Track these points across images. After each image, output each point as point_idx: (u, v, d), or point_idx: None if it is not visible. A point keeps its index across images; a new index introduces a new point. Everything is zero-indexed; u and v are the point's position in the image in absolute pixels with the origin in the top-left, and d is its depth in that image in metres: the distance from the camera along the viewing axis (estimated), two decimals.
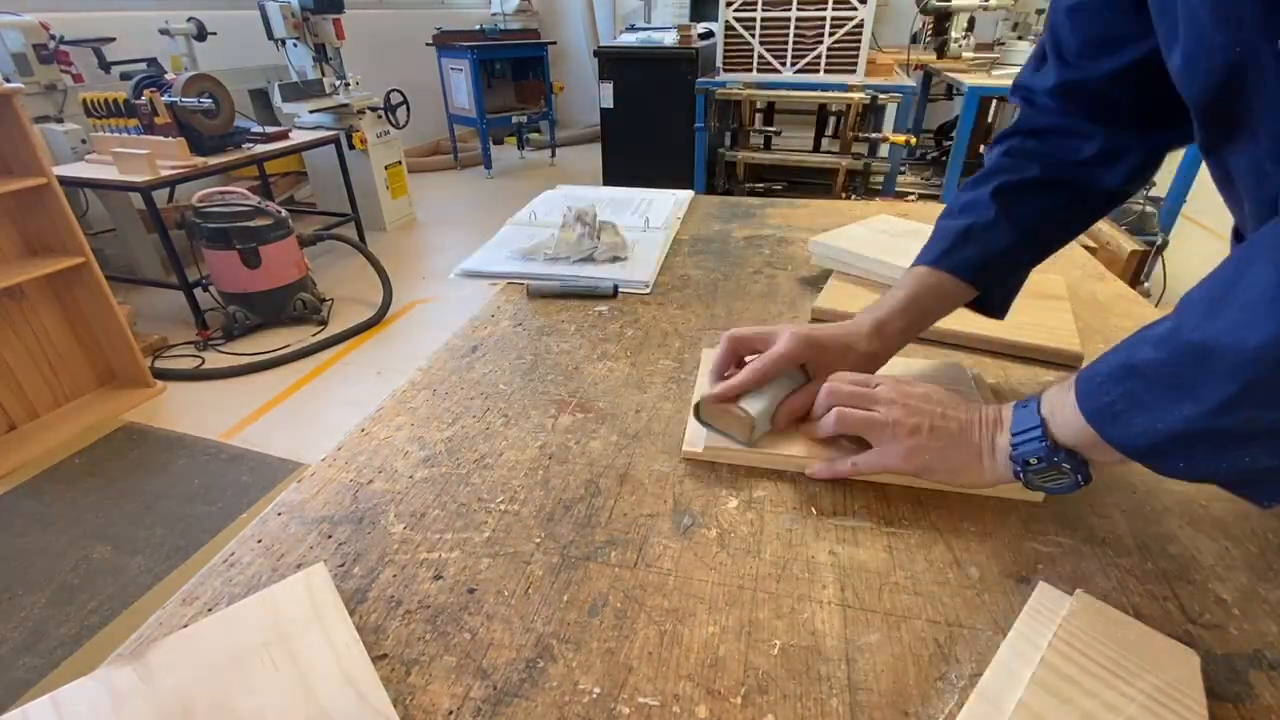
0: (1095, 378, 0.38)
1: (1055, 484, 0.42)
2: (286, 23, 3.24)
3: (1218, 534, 0.45)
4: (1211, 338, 0.32)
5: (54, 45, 2.57)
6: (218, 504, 1.75)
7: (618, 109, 3.61)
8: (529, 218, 1.08)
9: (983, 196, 0.56)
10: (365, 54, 4.44)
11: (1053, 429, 0.41)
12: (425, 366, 0.67)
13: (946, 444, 0.46)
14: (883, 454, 0.47)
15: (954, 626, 0.38)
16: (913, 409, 0.47)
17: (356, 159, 3.54)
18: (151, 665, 0.35)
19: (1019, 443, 0.42)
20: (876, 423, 0.47)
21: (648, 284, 0.84)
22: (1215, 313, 0.32)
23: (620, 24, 5.68)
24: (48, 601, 1.46)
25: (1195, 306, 0.34)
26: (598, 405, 0.60)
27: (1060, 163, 0.54)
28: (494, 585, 0.41)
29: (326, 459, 0.54)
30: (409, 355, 2.53)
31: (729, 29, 2.99)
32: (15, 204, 1.95)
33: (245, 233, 2.44)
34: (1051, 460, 0.41)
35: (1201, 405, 0.32)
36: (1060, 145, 0.54)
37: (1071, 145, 0.54)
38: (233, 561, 0.44)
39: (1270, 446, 0.33)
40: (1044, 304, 0.75)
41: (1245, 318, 0.31)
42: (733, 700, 0.34)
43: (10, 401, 2.01)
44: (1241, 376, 0.31)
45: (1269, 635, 0.38)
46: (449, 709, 0.34)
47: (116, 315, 2.13)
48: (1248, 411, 0.32)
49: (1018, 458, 0.42)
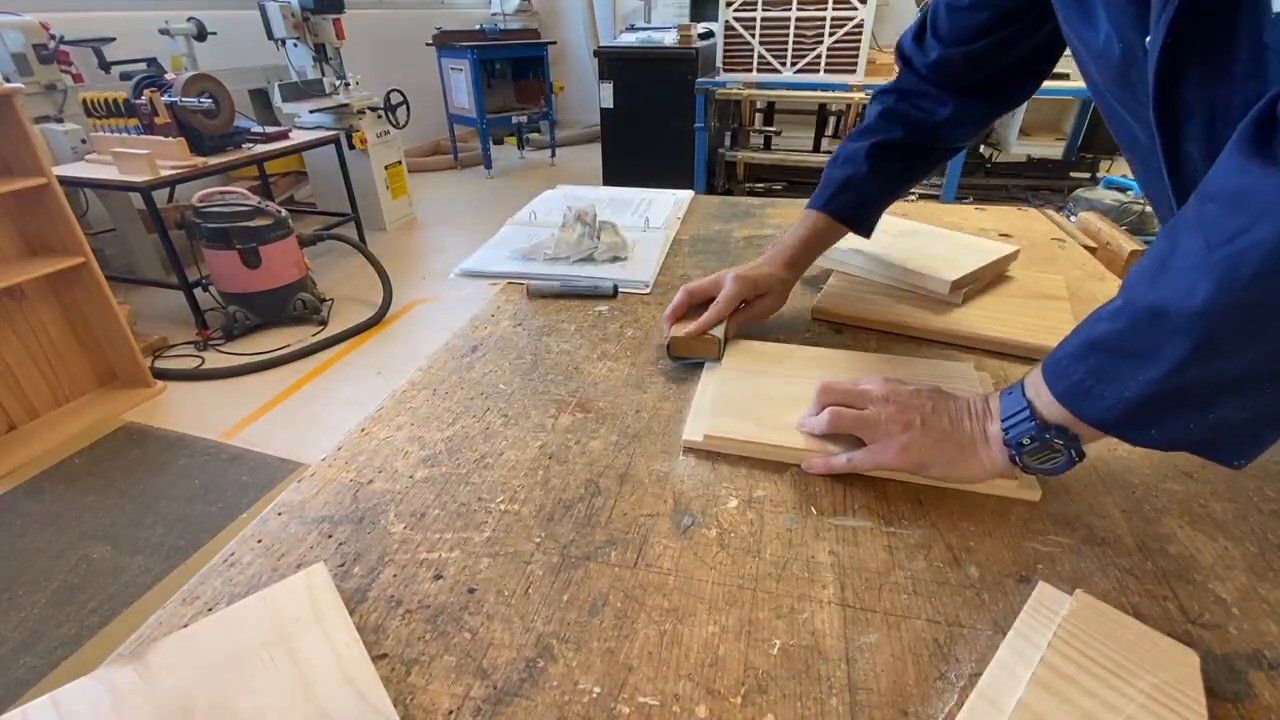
0: (1061, 360, 0.41)
1: (1051, 463, 0.43)
2: (286, 23, 3.24)
3: (1217, 534, 0.45)
4: (1160, 300, 0.35)
5: (54, 45, 2.57)
6: (218, 504, 1.75)
7: (618, 109, 3.62)
8: (529, 218, 1.08)
9: (859, 152, 0.71)
10: (365, 54, 4.44)
11: (1039, 409, 0.42)
12: (425, 366, 0.67)
13: (940, 438, 0.47)
14: (877, 451, 0.48)
15: (954, 626, 0.38)
16: (904, 405, 0.49)
17: (356, 159, 3.54)
18: (151, 665, 0.35)
19: (1010, 426, 0.43)
20: (869, 420, 0.49)
21: (648, 284, 0.84)
22: (1159, 280, 0.36)
23: (620, 24, 5.68)
24: (48, 601, 1.46)
25: (1141, 277, 0.37)
26: (598, 405, 0.60)
27: (919, 124, 0.70)
28: (494, 585, 0.41)
29: (326, 459, 0.54)
30: (409, 355, 2.53)
31: (729, 29, 3.00)
32: (15, 204, 1.95)
33: (245, 233, 2.44)
34: (1044, 438, 0.42)
35: (1163, 365, 0.35)
36: (922, 107, 0.70)
37: (931, 108, 0.70)
38: (233, 561, 0.44)
39: (1234, 399, 0.35)
40: (1044, 304, 0.75)
41: (1186, 281, 0.33)
42: (733, 700, 0.34)
43: (10, 401, 2.01)
44: (1195, 329, 0.33)
45: (1269, 635, 0.38)
46: (449, 709, 0.34)
47: (116, 315, 2.13)
48: (1208, 364, 0.34)
49: (1011, 440, 0.43)
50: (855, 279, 0.82)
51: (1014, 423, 0.43)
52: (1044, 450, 0.42)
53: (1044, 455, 0.42)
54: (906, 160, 0.73)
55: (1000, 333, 0.69)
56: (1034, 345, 0.67)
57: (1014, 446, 0.43)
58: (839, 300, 0.76)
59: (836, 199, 0.72)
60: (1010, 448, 0.44)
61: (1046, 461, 0.43)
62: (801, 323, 0.75)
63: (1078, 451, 0.42)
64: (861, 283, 0.81)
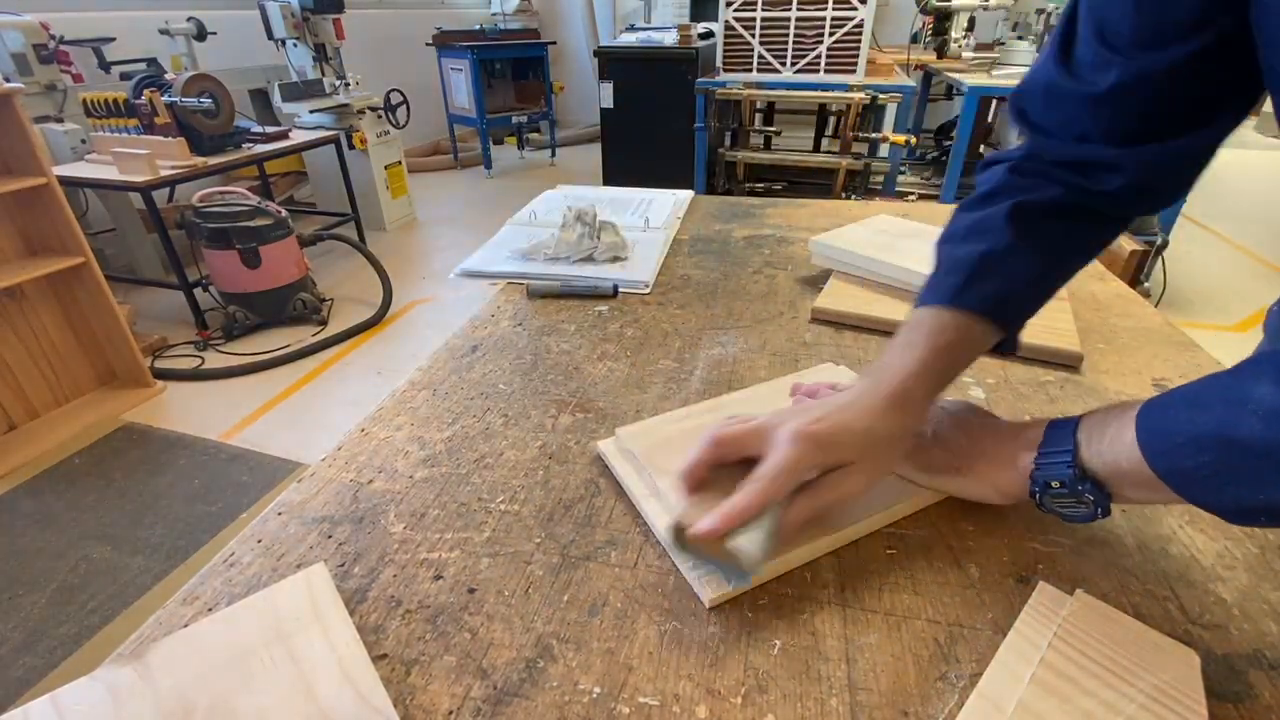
0: (1174, 436, 0.33)
1: (1072, 511, 0.39)
2: (286, 23, 3.24)
3: (1218, 534, 0.45)
4: None
5: (54, 45, 2.57)
6: (218, 504, 1.75)
7: (618, 109, 3.62)
8: (529, 218, 1.08)
9: (995, 217, 0.45)
10: (365, 54, 4.44)
11: (1083, 453, 0.37)
12: (425, 366, 0.67)
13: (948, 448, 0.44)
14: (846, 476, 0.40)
15: (954, 626, 0.38)
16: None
17: (356, 159, 3.54)
18: (151, 665, 0.35)
19: (1044, 462, 0.39)
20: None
21: (648, 284, 0.84)
22: None
23: (620, 24, 5.68)
24: (48, 601, 1.46)
25: None
26: (598, 405, 0.60)
27: (1085, 189, 0.44)
28: (494, 585, 0.41)
29: (326, 459, 0.54)
30: (409, 355, 2.53)
31: (729, 29, 2.99)
32: (15, 204, 1.95)
33: (245, 233, 2.44)
34: (1075, 488, 0.38)
35: None
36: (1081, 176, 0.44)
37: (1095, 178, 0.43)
38: (233, 561, 0.44)
39: None
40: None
41: None
42: (733, 700, 0.34)
43: (10, 401, 2.01)
44: None
45: (1269, 635, 0.38)
46: (449, 709, 0.34)
47: (116, 315, 2.13)
48: None
49: (1039, 478, 0.39)
50: (855, 279, 0.82)
51: (1049, 460, 0.39)
52: (1068, 498, 0.38)
53: (1067, 503, 0.39)
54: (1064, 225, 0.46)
55: None
56: (1034, 345, 0.67)
57: (1039, 484, 0.39)
58: (839, 300, 0.76)
59: (973, 287, 0.44)
60: (1035, 484, 0.39)
61: (1067, 508, 0.39)
62: (801, 324, 0.75)
63: (1104, 509, 0.38)
64: (861, 283, 0.81)
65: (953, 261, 0.46)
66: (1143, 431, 0.34)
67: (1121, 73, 0.39)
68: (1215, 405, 0.32)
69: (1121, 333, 0.73)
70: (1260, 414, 0.29)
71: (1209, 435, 0.31)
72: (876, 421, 0.41)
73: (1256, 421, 0.29)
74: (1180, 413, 0.33)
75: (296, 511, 0.48)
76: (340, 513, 0.48)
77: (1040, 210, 0.45)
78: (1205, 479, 0.32)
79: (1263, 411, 0.29)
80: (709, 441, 0.42)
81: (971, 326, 0.44)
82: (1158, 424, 0.34)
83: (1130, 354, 0.68)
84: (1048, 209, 0.45)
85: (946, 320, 0.44)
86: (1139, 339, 0.71)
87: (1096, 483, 0.37)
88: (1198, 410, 0.32)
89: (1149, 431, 0.34)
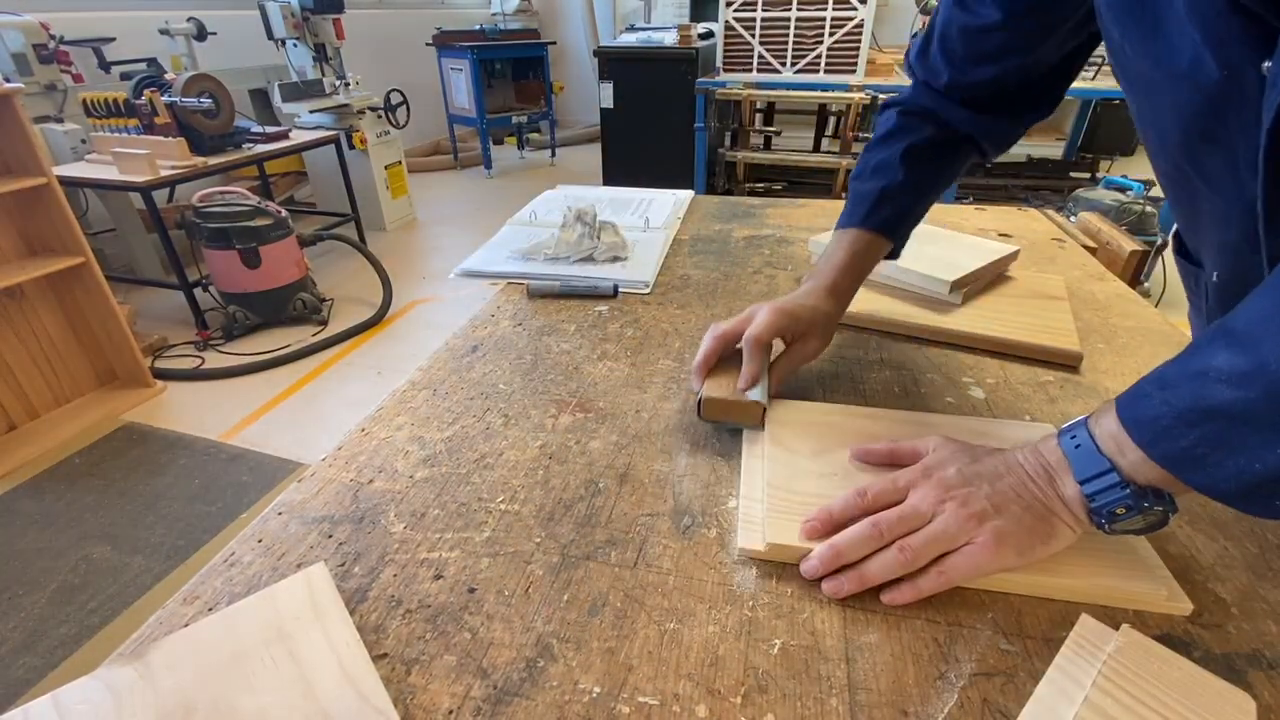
0: (1159, 421, 0.34)
1: (1145, 524, 0.37)
2: (286, 23, 3.24)
3: (1217, 534, 0.45)
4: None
5: (54, 45, 2.57)
6: (218, 504, 1.76)
7: (618, 109, 3.62)
8: (529, 218, 1.08)
9: (892, 159, 0.63)
10: (365, 54, 4.44)
11: (1127, 470, 0.36)
12: (425, 366, 0.67)
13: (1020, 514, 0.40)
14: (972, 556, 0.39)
15: (954, 626, 0.38)
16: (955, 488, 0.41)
17: (356, 159, 3.54)
18: (152, 665, 0.35)
19: (1096, 493, 0.38)
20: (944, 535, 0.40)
21: (648, 284, 0.84)
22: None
23: (620, 24, 5.68)
24: (48, 601, 1.46)
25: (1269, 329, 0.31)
26: (598, 405, 0.60)
27: (946, 125, 0.64)
28: (494, 585, 0.41)
29: (326, 459, 0.54)
30: (409, 355, 2.53)
31: (729, 29, 3.00)
32: (15, 204, 1.95)
33: (245, 233, 2.44)
34: (1141, 506, 0.36)
35: None
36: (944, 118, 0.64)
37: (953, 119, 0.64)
38: (233, 561, 0.44)
39: None
40: (1044, 304, 0.75)
41: None
42: (733, 700, 0.34)
43: (10, 401, 2.01)
44: None
45: (1269, 635, 0.38)
46: (449, 708, 0.34)
47: (116, 315, 2.13)
48: None
49: (1102, 510, 0.37)
50: None
51: (1100, 488, 0.37)
52: (1137, 516, 0.37)
53: (1136, 522, 0.37)
54: (938, 161, 0.65)
55: (1000, 333, 0.69)
56: (1034, 345, 0.67)
57: (1104, 516, 0.38)
58: None
59: (875, 213, 0.63)
60: (1100, 516, 0.38)
61: (1139, 525, 0.38)
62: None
63: (1174, 507, 0.37)
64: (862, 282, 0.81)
65: (860, 195, 0.64)
66: (1135, 427, 0.36)
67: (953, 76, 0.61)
68: (1181, 383, 0.34)
69: (1121, 332, 0.73)
70: (1225, 380, 0.32)
71: (1188, 409, 0.33)
72: (821, 302, 0.60)
73: (1225, 388, 0.32)
74: (1154, 396, 0.35)
75: (297, 511, 0.48)
76: (340, 512, 0.48)
77: (923, 151, 0.64)
78: (1203, 457, 0.33)
79: (1225, 377, 0.32)
80: (713, 337, 0.57)
81: (873, 241, 0.63)
82: (1141, 413, 0.36)
83: (1130, 354, 0.68)
84: (927, 149, 0.64)
85: (856, 237, 0.63)
86: (1139, 339, 0.71)
87: (1156, 491, 0.36)
88: (1169, 390, 0.35)
89: (1135, 422, 0.36)
